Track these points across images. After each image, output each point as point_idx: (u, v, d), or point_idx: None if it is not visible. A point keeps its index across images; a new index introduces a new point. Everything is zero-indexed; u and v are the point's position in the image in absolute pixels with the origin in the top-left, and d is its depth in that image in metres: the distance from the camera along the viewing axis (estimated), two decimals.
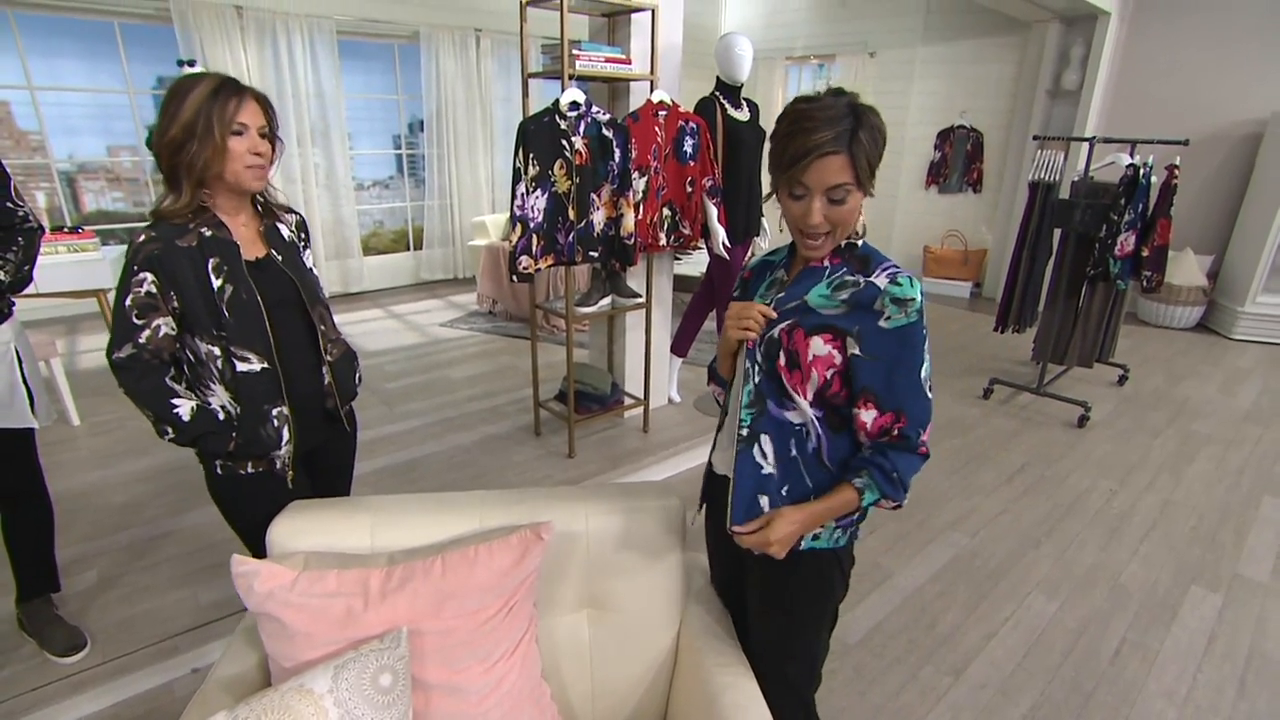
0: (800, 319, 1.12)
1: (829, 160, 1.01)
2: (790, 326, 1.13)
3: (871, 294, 1.09)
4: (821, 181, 1.03)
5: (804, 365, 1.13)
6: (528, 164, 2.60)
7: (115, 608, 2.16)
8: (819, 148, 1.01)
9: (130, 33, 5.06)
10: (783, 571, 1.24)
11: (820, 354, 1.12)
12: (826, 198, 1.04)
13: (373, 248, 6.88)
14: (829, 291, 1.12)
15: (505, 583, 1.16)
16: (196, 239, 1.32)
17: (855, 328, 1.10)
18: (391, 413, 3.74)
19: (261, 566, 1.11)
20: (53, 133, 5.15)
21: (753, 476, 1.21)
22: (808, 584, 1.26)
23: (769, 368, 1.15)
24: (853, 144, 1.01)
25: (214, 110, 1.26)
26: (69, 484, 2.86)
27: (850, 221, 1.08)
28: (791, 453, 1.18)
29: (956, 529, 2.74)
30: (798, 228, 1.09)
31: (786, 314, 1.14)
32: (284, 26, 5.32)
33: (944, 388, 4.23)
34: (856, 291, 1.10)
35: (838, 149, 1.01)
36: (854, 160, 1.02)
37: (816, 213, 1.05)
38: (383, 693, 1.00)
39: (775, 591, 1.26)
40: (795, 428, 1.17)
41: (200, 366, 1.36)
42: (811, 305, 1.12)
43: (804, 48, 7.15)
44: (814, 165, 1.02)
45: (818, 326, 1.11)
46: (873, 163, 1.05)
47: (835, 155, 1.01)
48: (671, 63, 3.13)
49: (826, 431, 1.17)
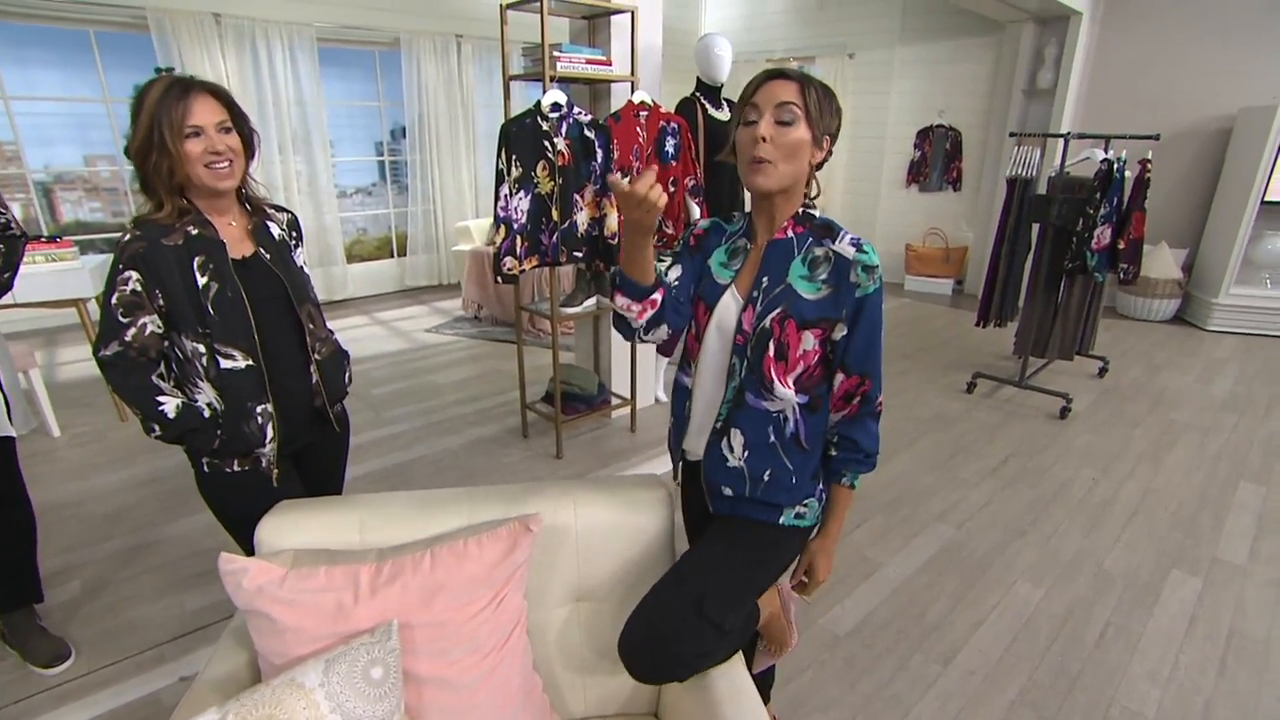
0: (790, 308, 1.14)
1: (780, 82, 1.09)
2: (781, 316, 1.14)
3: (844, 265, 1.13)
4: (772, 98, 1.09)
5: (791, 357, 1.15)
6: (510, 165, 2.61)
7: (100, 618, 2.13)
8: (774, 72, 1.11)
9: (106, 41, 5.02)
10: (763, 541, 1.26)
11: (809, 348, 1.15)
12: (775, 118, 1.08)
13: (356, 255, 6.86)
14: (807, 271, 1.15)
15: (495, 575, 1.16)
16: (182, 237, 1.32)
17: (843, 311, 1.13)
18: (379, 418, 3.73)
19: (250, 564, 1.11)
20: (28, 143, 5.08)
21: (719, 469, 1.25)
22: (782, 555, 1.28)
23: (755, 358, 1.16)
24: (806, 82, 1.10)
25: (163, 116, 1.24)
26: (50, 495, 2.82)
27: (796, 153, 1.11)
28: (770, 439, 1.21)
29: (943, 521, 2.77)
30: (747, 156, 1.12)
31: (774, 301, 1.15)
32: (263, 34, 5.30)
33: (928, 383, 4.27)
34: (831, 267, 1.14)
35: (790, 76, 1.10)
36: (804, 91, 1.09)
37: (764, 126, 1.08)
38: (374, 685, 1.00)
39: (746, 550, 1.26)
40: (773, 415, 1.20)
41: (186, 364, 1.36)
42: (797, 290, 1.15)
43: (784, 49, 7.21)
44: (765, 85, 1.10)
45: (809, 321, 1.14)
46: (824, 112, 1.11)
47: (787, 80, 1.09)
48: (652, 64, 3.15)
49: (804, 415, 1.20)
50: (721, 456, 1.24)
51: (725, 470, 1.25)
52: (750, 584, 1.24)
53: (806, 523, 1.27)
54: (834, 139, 1.16)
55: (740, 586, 1.22)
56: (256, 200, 1.48)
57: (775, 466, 1.22)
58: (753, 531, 1.26)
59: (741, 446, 1.22)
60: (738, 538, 1.26)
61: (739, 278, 1.21)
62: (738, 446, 1.22)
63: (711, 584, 1.19)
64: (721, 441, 1.24)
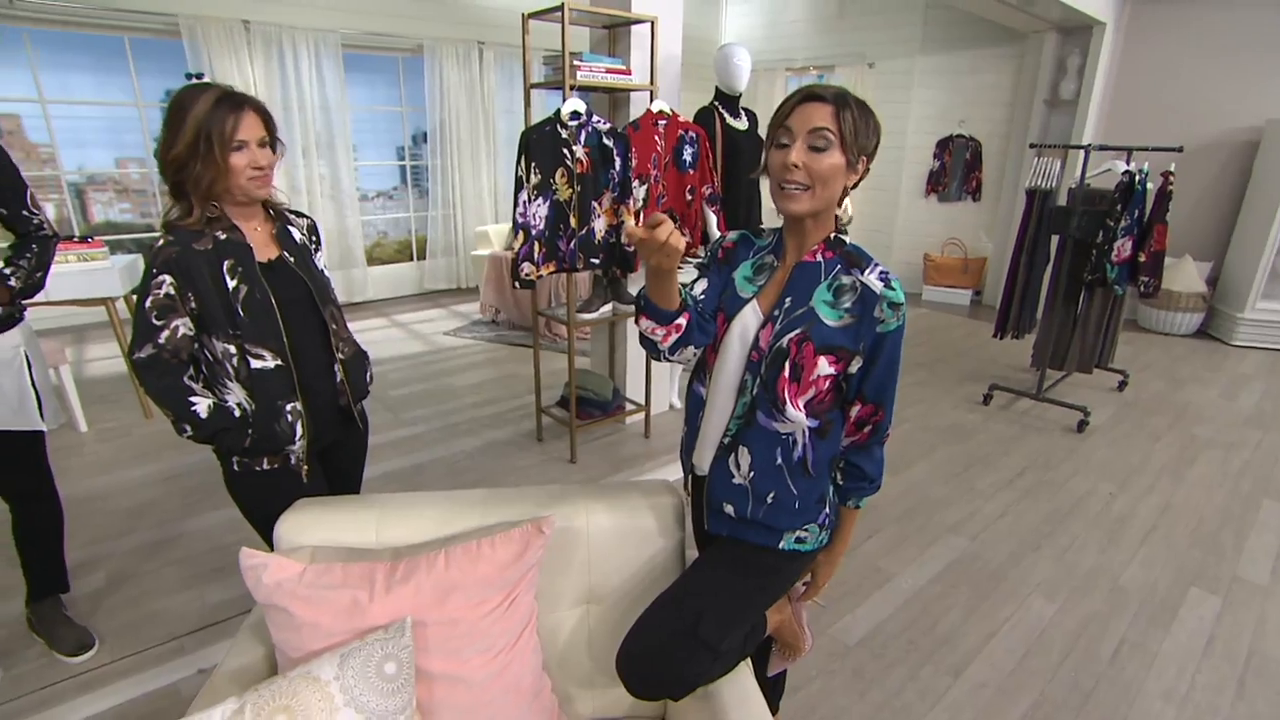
0: (810, 331, 1.13)
1: (814, 105, 1.07)
2: (800, 338, 1.13)
3: (870, 299, 1.12)
4: (805, 123, 1.07)
5: (805, 380, 1.15)
6: (529, 172, 2.65)
7: (123, 609, 2.18)
8: (808, 94, 1.08)
9: (139, 47, 5.14)
10: (762, 567, 1.26)
11: (824, 373, 1.15)
12: (808, 143, 1.07)
13: (376, 258, 6.94)
14: (832, 297, 1.15)
15: (507, 575, 1.18)
16: (212, 242, 1.36)
17: (861, 345, 1.14)
18: (396, 419, 3.78)
19: (270, 559, 1.14)
20: (63, 145, 5.22)
21: (724, 485, 1.25)
22: (782, 581, 1.29)
23: (770, 378, 1.16)
24: (841, 105, 1.06)
25: (213, 129, 1.29)
26: (77, 489, 2.89)
27: (829, 180, 1.09)
28: (777, 461, 1.20)
29: (957, 532, 2.76)
30: (778, 180, 1.11)
31: (795, 322, 1.15)
32: (290, 40, 5.40)
33: (944, 394, 4.25)
34: (856, 298, 1.13)
35: (824, 98, 1.07)
36: (839, 115, 1.06)
37: (796, 153, 1.07)
38: (387, 680, 1.02)
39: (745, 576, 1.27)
40: (782, 437, 1.19)
41: (217, 365, 1.39)
42: (819, 315, 1.14)
43: (804, 59, 7.22)
44: (799, 108, 1.08)
45: (827, 346, 1.13)
46: (859, 134, 1.08)
47: (822, 103, 1.06)
48: (671, 73, 3.18)
49: (813, 440, 1.20)
50: (727, 473, 1.24)
51: (729, 487, 1.24)
52: (747, 609, 1.24)
53: (807, 548, 1.26)
54: (871, 158, 1.14)
55: (736, 611, 1.22)
56: (278, 206, 1.53)
57: (779, 490, 1.21)
58: (752, 556, 1.26)
59: (748, 466, 1.22)
60: (737, 562, 1.26)
61: (762, 294, 1.21)
62: (744, 464, 1.22)
63: (708, 607, 1.19)
64: (729, 458, 1.24)
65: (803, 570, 1.32)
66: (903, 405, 4.03)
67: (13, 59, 4.89)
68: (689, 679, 1.17)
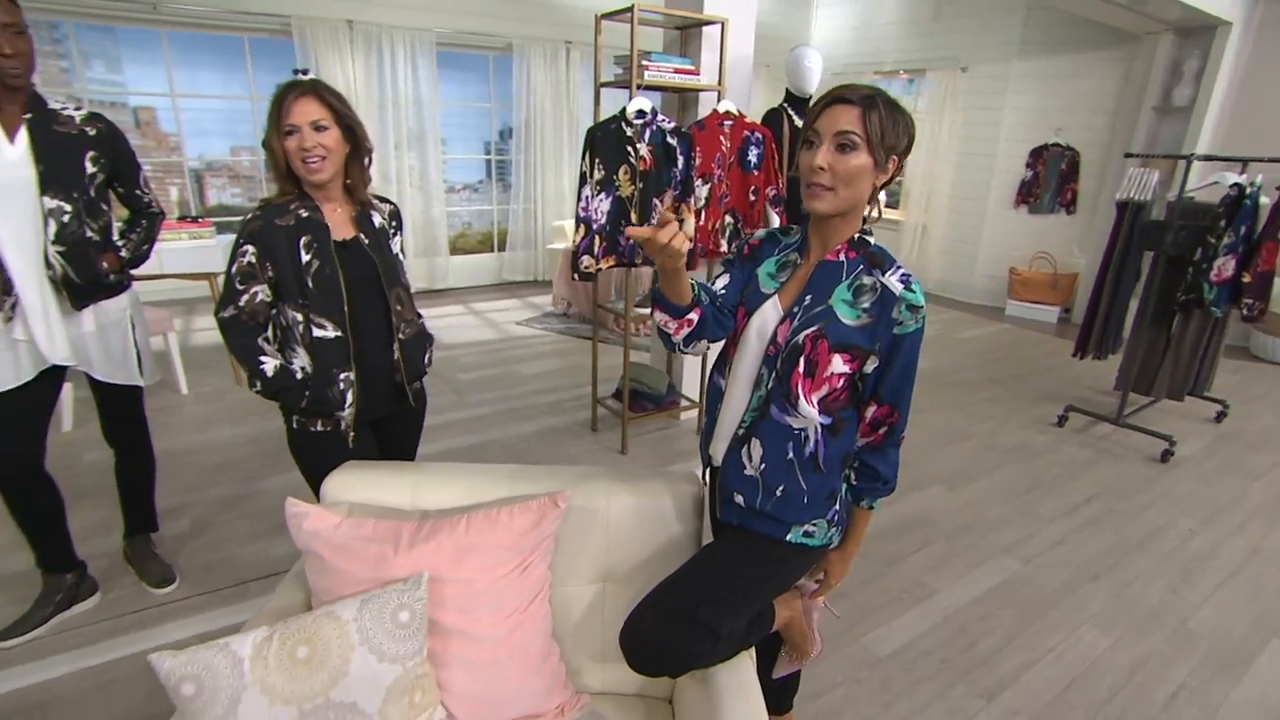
0: (826, 328, 1.15)
1: (842, 108, 1.08)
2: (816, 335, 1.15)
3: (890, 300, 1.13)
4: (832, 125, 1.09)
5: (819, 376, 1.16)
6: (593, 168, 2.73)
7: (201, 552, 2.41)
8: (837, 97, 1.09)
9: (256, 46, 5.58)
10: (769, 556, 1.28)
11: (838, 371, 1.16)
12: (835, 143, 1.09)
13: (460, 248, 7.23)
14: (851, 296, 1.16)
15: (522, 543, 1.25)
16: (294, 219, 1.50)
17: (877, 345, 1.14)
18: (461, 401, 3.95)
19: (311, 509, 1.25)
20: (188, 134, 5.73)
21: (736, 476, 1.28)
22: (787, 572, 1.31)
23: (785, 372, 1.18)
24: (868, 106, 1.08)
25: (273, 115, 1.44)
26: (173, 443, 3.19)
27: (854, 180, 1.10)
28: (788, 456, 1.22)
29: (1009, 554, 2.65)
30: (805, 180, 1.13)
31: (812, 319, 1.17)
32: (389, 39, 5.72)
33: (1015, 413, 4.06)
34: (876, 298, 1.14)
35: (852, 100, 1.08)
36: (865, 117, 1.07)
37: (823, 155, 1.09)
38: (400, 627, 1.11)
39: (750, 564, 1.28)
40: (794, 432, 1.21)
41: (288, 331, 1.53)
42: (837, 313, 1.16)
43: (894, 62, 7.03)
44: (827, 111, 1.10)
45: (842, 344, 1.14)
46: (886, 135, 1.08)
47: (849, 105, 1.08)
48: (742, 74, 3.19)
49: (825, 437, 1.21)
50: (739, 464, 1.27)
51: (741, 478, 1.27)
52: (749, 596, 1.26)
53: (815, 542, 1.28)
54: (902, 157, 1.14)
55: (738, 597, 1.24)
56: (361, 191, 1.64)
57: (789, 483, 1.23)
58: (760, 546, 1.28)
59: (759, 458, 1.24)
60: (744, 551, 1.29)
61: (783, 290, 1.23)
62: (755, 457, 1.24)
63: (710, 591, 1.22)
64: (742, 449, 1.27)
65: (810, 565, 1.33)
66: (970, 421, 3.89)
67: (152, 57, 5.42)
68: (687, 659, 1.21)
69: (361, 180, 1.61)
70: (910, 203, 7.00)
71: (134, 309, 2.05)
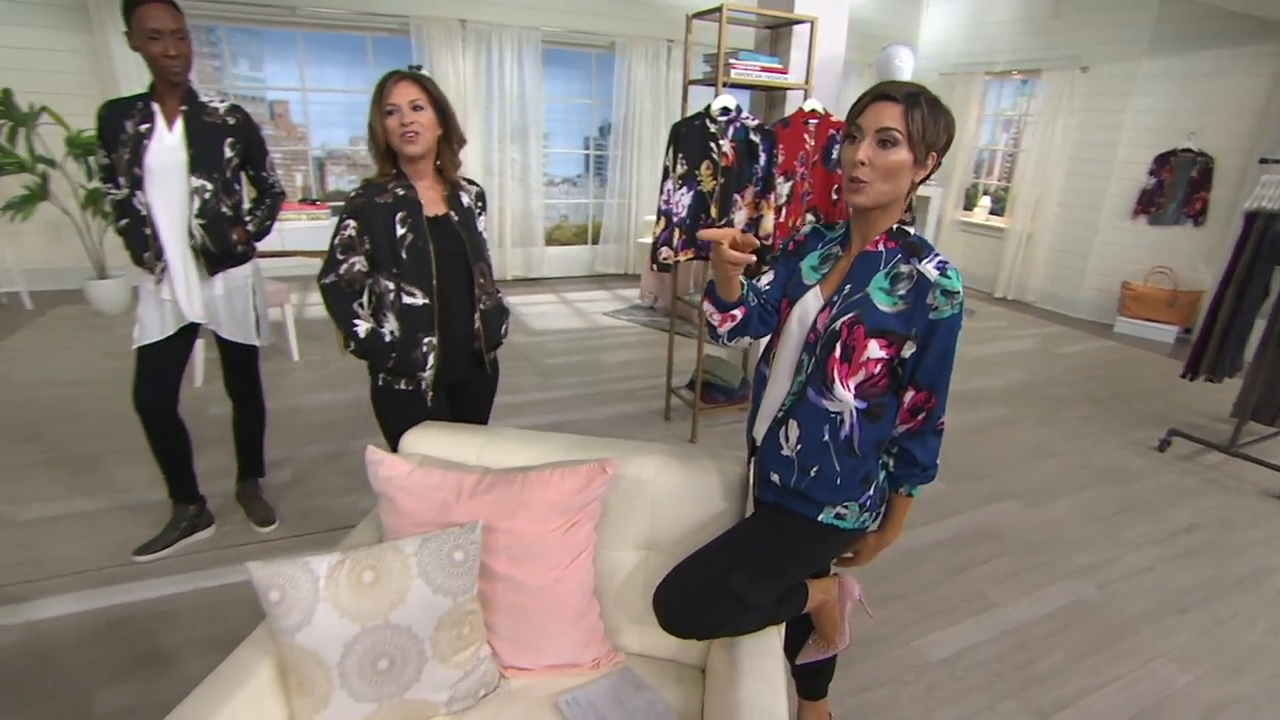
0: (862, 314, 1.19)
1: (885, 104, 1.12)
2: (852, 321, 1.20)
3: (925, 286, 1.16)
4: (875, 122, 1.13)
5: (855, 361, 1.21)
6: (676, 162, 2.81)
7: (299, 500, 2.68)
8: (880, 94, 1.13)
9: (378, 44, 6.01)
10: (800, 534, 1.32)
11: (874, 356, 1.20)
12: (876, 139, 1.12)
13: (556, 239, 7.48)
14: (888, 284, 1.20)
15: (570, 503, 1.35)
16: (392, 197, 1.67)
17: (913, 330, 1.18)
18: (545, 383, 4.13)
19: (387, 457, 1.41)
20: (314, 125, 6.25)
21: (773, 456, 1.33)
22: (818, 550, 1.35)
23: (822, 357, 1.23)
24: (911, 104, 1.11)
25: (375, 98, 1.60)
26: (283, 403, 3.53)
27: (894, 175, 1.14)
28: (824, 438, 1.26)
29: (1085, 576, 2.53)
30: (846, 174, 1.18)
31: (850, 306, 1.21)
32: (498, 37, 6.01)
33: (1112, 433, 3.83)
34: (911, 285, 1.17)
35: (895, 98, 1.11)
36: (908, 114, 1.10)
37: (864, 150, 1.13)
38: (454, 565, 1.24)
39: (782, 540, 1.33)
40: (831, 415, 1.25)
41: (381, 298, 1.71)
42: (874, 300, 1.20)
43: (1007, 62, 6.70)
44: (871, 107, 1.14)
45: (878, 329, 1.19)
46: (927, 132, 1.12)
47: (893, 102, 1.11)
48: (831, 73, 3.18)
49: (861, 421, 1.24)
50: (777, 444, 1.32)
51: (778, 458, 1.33)
52: (778, 571, 1.31)
53: (846, 524, 1.30)
54: (941, 154, 1.17)
55: (767, 570, 1.29)
56: (452, 171, 1.78)
57: (823, 464, 1.27)
58: (792, 524, 1.33)
59: (796, 439, 1.29)
60: (777, 526, 1.34)
61: (825, 280, 1.29)
62: (792, 437, 1.29)
63: (741, 561, 1.28)
64: (780, 431, 1.32)
65: (841, 547, 1.36)
66: (1059, 438, 3.71)
67: (286, 55, 5.95)
68: (714, 623, 1.27)
69: (451, 161, 1.75)
70: (1016, 209, 6.66)
71: (256, 277, 2.30)
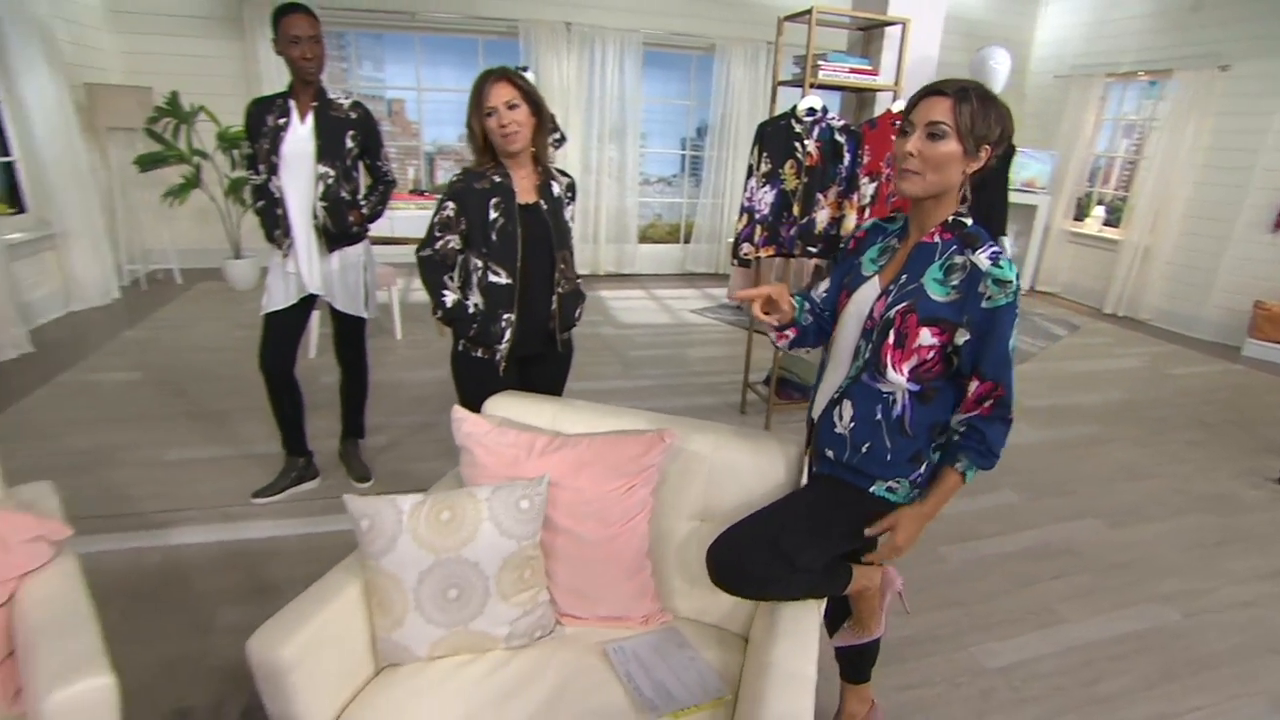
0: (916, 303, 1.25)
1: (934, 100, 1.18)
2: (905, 310, 1.26)
3: (977, 276, 1.20)
4: (925, 116, 1.19)
5: (908, 347, 1.27)
6: (760, 161, 2.87)
7: (393, 463, 2.94)
8: (932, 89, 1.19)
9: (488, 46, 6.36)
10: (851, 501, 1.38)
11: (926, 343, 1.26)
12: (926, 132, 1.18)
13: (649, 237, 7.63)
14: (942, 275, 1.24)
15: (629, 467, 1.47)
16: (489, 183, 1.83)
17: (964, 318, 1.22)
18: (627, 373, 4.28)
19: (469, 416, 1.57)
20: (427, 123, 6.69)
21: (828, 433, 1.41)
22: (866, 520, 1.38)
23: (877, 343, 1.29)
24: (961, 98, 1.16)
25: (473, 101, 1.75)
26: (385, 376, 3.84)
27: (942, 166, 1.19)
28: (876, 417, 1.33)
29: (1171, 603, 2.41)
30: (898, 165, 1.24)
31: (905, 295, 1.27)
32: (601, 39, 6.22)
33: (1224, 460, 3.56)
34: (964, 276, 1.21)
35: (946, 92, 1.17)
36: (957, 108, 1.16)
37: (913, 142, 1.19)
38: (520, 513, 1.37)
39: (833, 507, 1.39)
40: (883, 395, 1.32)
41: (469, 275, 1.88)
42: (927, 290, 1.25)
43: (1133, 62, 6.28)
44: (922, 102, 1.20)
45: (930, 318, 1.24)
46: (976, 125, 1.16)
47: (943, 97, 1.17)
48: (924, 75, 3.14)
49: (913, 403, 1.29)
50: (831, 423, 1.40)
51: (832, 435, 1.40)
52: (827, 534, 1.36)
53: (896, 498, 1.36)
54: (995, 146, 1.20)
55: (816, 533, 1.35)
56: (544, 159, 1.92)
57: (874, 441, 1.33)
58: (844, 493, 1.39)
59: (849, 417, 1.35)
60: (829, 494, 1.41)
61: (883, 271, 1.35)
62: (846, 416, 1.36)
63: (793, 523, 1.35)
64: (835, 410, 1.39)
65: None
66: (1158, 461, 3.49)
67: (405, 57, 6.42)
68: (762, 581, 1.33)
69: (544, 150, 1.89)
70: (1133, 220, 6.23)
71: (367, 256, 2.56)
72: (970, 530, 2.78)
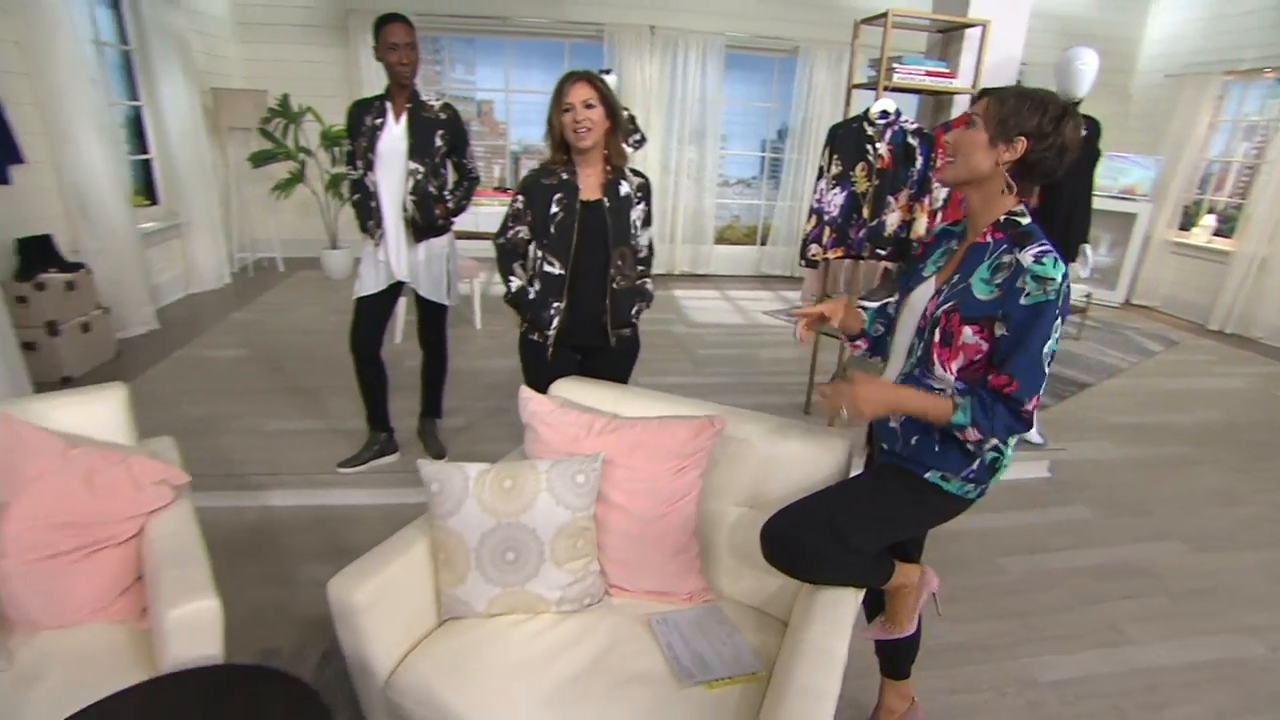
0: (960, 302, 1.29)
1: (982, 99, 1.29)
2: (950, 309, 1.30)
3: (1018, 272, 1.22)
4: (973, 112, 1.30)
5: (954, 345, 1.31)
6: (830, 163, 2.89)
7: (466, 444, 3.11)
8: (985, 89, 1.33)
9: (574, 49, 6.55)
10: (906, 485, 1.41)
11: (969, 342, 1.29)
12: (965, 123, 1.29)
13: (726, 238, 7.65)
14: (988, 274, 1.27)
15: (680, 449, 1.55)
16: (556, 180, 1.95)
17: (1000, 311, 1.24)
18: (696, 370, 4.36)
19: (534, 396, 1.70)
20: (514, 123, 6.94)
21: (883, 426, 1.47)
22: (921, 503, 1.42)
23: (927, 341, 1.34)
24: (996, 95, 1.26)
25: (555, 97, 1.86)
26: (463, 364, 4.05)
27: (966, 152, 1.27)
28: None
29: (1256, 635, 2.27)
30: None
31: (953, 295, 1.31)
32: (684, 42, 6.30)
33: None
34: (1008, 274, 1.24)
35: (989, 92, 1.29)
36: (990, 102, 1.26)
37: (953, 134, 1.31)
38: (577, 486, 1.48)
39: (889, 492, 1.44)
40: (933, 390, 1.34)
41: (534, 263, 2.00)
42: (972, 290, 1.28)
43: (1256, 59, 5.84)
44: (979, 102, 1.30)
45: (972, 317, 1.27)
46: (1008, 115, 1.23)
47: (985, 97, 1.29)
48: (1006, 76, 3.06)
49: None
50: (885, 418, 1.44)
51: (886, 429, 1.46)
52: (881, 516, 1.40)
53: (949, 488, 1.38)
54: (1033, 138, 1.22)
55: (870, 513, 1.39)
56: (616, 160, 1.98)
57: (922, 434, 1.37)
58: (900, 477, 1.43)
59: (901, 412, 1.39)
60: (885, 476, 1.46)
61: (940, 272, 1.40)
62: None
63: (848, 503, 1.41)
64: None
65: (943, 510, 1.43)
66: (1254, 486, 3.27)
67: (495, 60, 6.69)
68: (814, 558, 1.36)
69: (617, 152, 1.97)
70: (1249, 230, 5.79)
71: (450, 247, 2.73)
72: (1038, 543, 2.70)
